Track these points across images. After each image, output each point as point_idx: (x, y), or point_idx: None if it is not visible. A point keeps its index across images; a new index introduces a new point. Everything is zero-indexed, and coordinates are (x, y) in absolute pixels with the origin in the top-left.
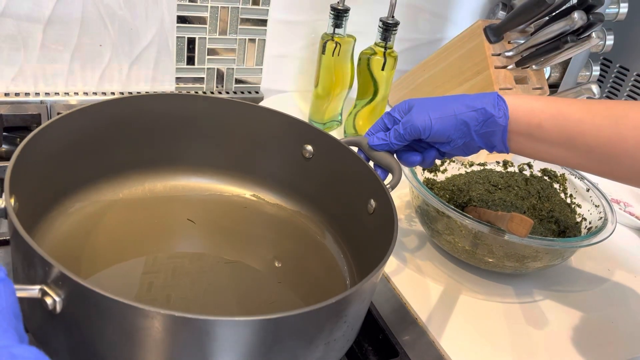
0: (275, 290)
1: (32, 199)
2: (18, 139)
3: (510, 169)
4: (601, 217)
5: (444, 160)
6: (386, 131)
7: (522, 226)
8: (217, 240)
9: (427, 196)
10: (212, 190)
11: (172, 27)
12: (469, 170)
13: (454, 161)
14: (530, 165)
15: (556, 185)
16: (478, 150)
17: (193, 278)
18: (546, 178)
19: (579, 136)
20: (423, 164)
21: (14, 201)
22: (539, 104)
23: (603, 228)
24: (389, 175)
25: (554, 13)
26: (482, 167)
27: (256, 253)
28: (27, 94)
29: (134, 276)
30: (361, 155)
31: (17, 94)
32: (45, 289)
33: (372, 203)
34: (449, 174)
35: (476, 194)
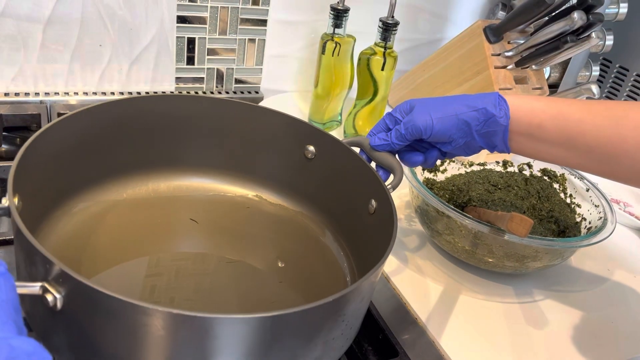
0: (276, 289)
1: (36, 199)
2: (18, 139)
3: (510, 169)
4: (601, 217)
5: (444, 160)
6: (387, 132)
7: (522, 226)
8: (220, 240)
9: (427, 196)
10: (215, 190)
11: (172, 27)
12: (469, 170)
13: (454, 161)
14: (530, 165)
15: (556, 185)
16: (479, 150)
17: (195, 278)
18: (546, 178)
19: (580, 136)
20: (425, 164)
21: (18, 200)
22: (540, 104)
23: (603, 228)
24: (391, 175)
25: (554, 13)
26: (482, 167)
27: (258, 253)
28: (27, 94)
29: (137, 276)
30: (363, 155)
31: (17, 94)
32: (46, 286)
33: (373, 203)
34: (449, 174)
35: (476, 194)
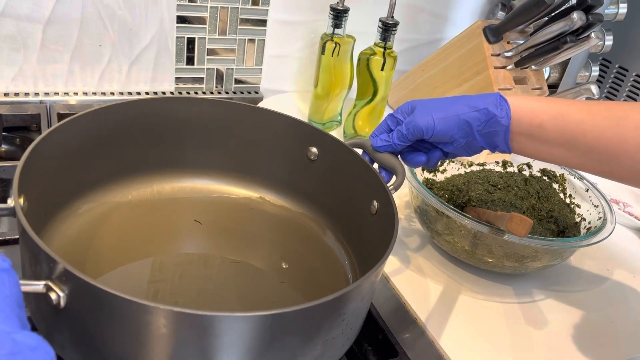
0: (279, 290)
1: (42, 200)
2: (18, 139)
3: (509, 169)
4: (600, 217)
5: (444, 160)
6: (389, 133)
7: (522, 226)
8: (223, 241)
9: (427, 196)
10: (219, 191)
11: (172, 27)
12: (468, 170)
13: (453, 161)
14: (529, 165)
15: (555, 185)
16: (481, 150)
17: (199, 278)
18: (545, 178)
19: (580, 137)
20: (427, 165)
21: (23, 201)
22: (541, 105)
23: (602, 228)
24: (393, 177)
25: (553, 13)
26: (482, 167)
27: (261, 254)
28: (27, 94)
29: (141, 277)
30: (365, 157)
31: (17, 94)
32: (49, 285)
33: (375, 204)
34: (448, 174)
35: (475, 194)
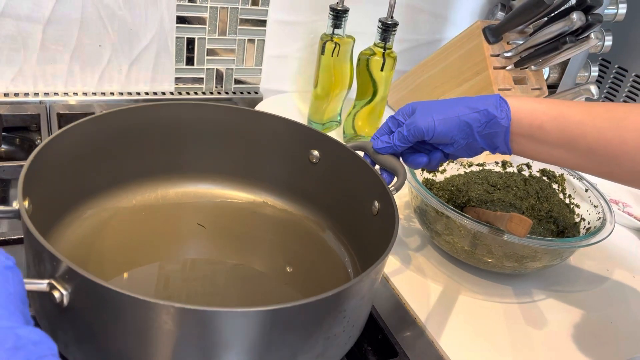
0: (281, 291)
1: (46, 204)
2: (17, 139)
3: (509, 170)
4: (600, 218)
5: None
6: (390, 134)
7: (521, 226)
8: (227, 244)
9: (426, 196)
10: (222, 196)
11: (172, 28)
12: (468, 170)
13: (453, 161)
14: (529, 165)
15: (555, 185)
16: (481, 151)
17: (202, 281)
18: (545, 178)
19: (580, 138)
20: (429, 166)
21: (28, 204)
22: (541, 106)
23: (602, 228)
24: (395, 178)
25: (553, 14)
26: (481, 168)
27: (264, 257)
28: (27, 95)
29: (146, 280)
30: (367, 159)
31: (17, 94)
32: (53, 283)
33: (376, 205)
34: (448, 174)
35: (475, 194)
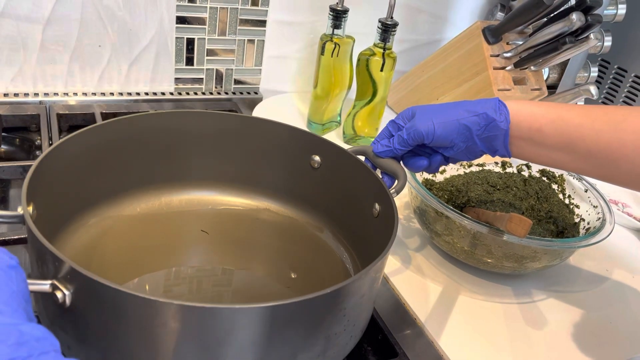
0: (283, 294)
1: (51, 211)
2: (17, 140)
3: (508, 170)
4: (599, 218)
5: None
6: (390, 138)
7: (521, 226)
8: (230, 250)
9: (426, 197)
10: (225, 203)
11: (172, 28)
12: (468, 171)
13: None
14: (528, 166)
15: (554, 186)
16: (481, 154)
17: (205, 286)
18: (544, 179)
19: (579, 141)
20: (429, 169)
21: (33, 209)
22: (540, 109)
23: (601, 228)
24: (396, 181)
25: (553, 14)
26: (481, 168)
27: (267, 262)
28: (27, 95)
29: (152, 287)
30: (368, 163)
31: (17, 95)
32: (55, 284)
33: (377, 207)
34: (448, 175)
35: (475, 195)
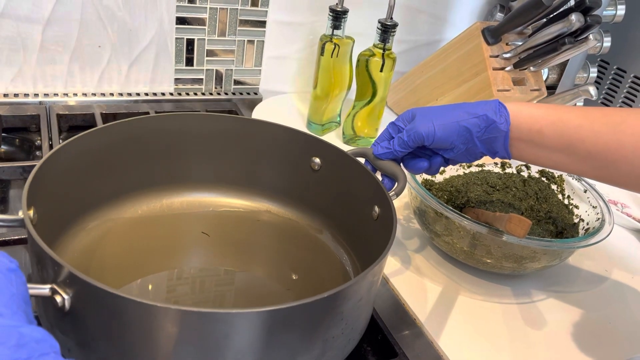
0: (283, 296)
1: (52, 214)
2: (17, 140)
3: (508, 170)
4: (599, 218)
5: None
6: (390, 140)
7: (520, 227)
8: (230, 252)
9: (426, 197)
10: (226, 204)
11: (171, 28)
12: (467, 171)
13: None
14: (528, 166)
15: (554, 186)
16: (481, 156)
17: (206, 288)
18: (544, 179)
19: (579, 142)
20: (429, 171)
21: (33, 213)
22: (540, 111)
23: (600, 229)
24: (396, 183)
25: (552, 15)
26: (480, 169)
27: (267, 264)
28: (26, 95)
29: (153, 289)
30: (368, 165)
31: (16, 95)
32: (55, 288)
33: (377, 209)
34: (447, 175)
35: (474, 195)
